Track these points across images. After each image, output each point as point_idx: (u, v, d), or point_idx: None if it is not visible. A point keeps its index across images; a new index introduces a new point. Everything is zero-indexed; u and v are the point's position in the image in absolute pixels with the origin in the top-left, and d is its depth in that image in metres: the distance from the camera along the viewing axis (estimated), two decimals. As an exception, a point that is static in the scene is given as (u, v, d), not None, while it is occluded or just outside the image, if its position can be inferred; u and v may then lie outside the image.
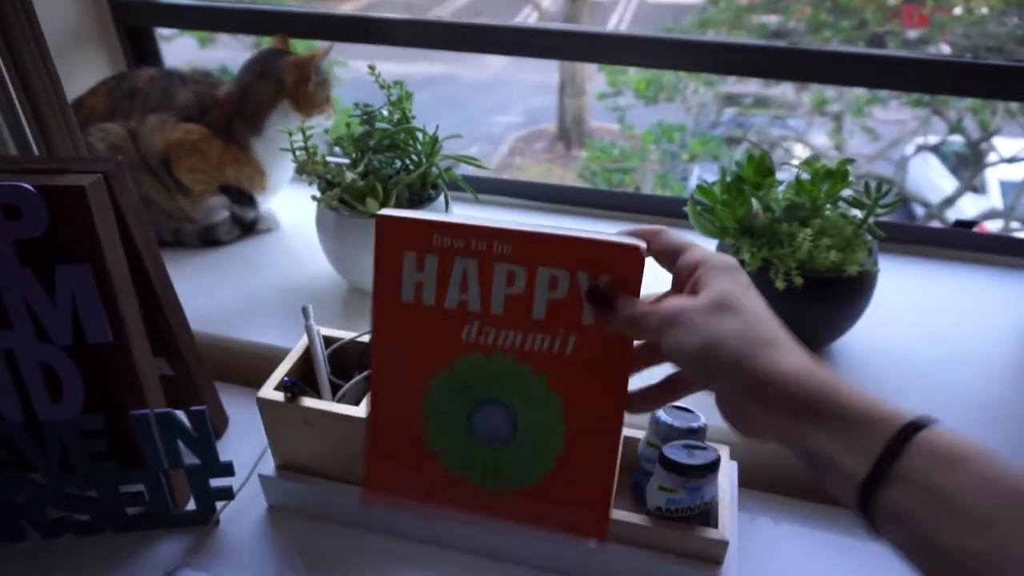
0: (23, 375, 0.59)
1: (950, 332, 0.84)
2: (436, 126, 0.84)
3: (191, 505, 0.66)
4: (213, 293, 0.90)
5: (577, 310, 0.40)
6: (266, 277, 0.94)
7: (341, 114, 0.96)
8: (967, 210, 3.14)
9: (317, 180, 0.83)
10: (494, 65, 4.68)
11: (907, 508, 0.31)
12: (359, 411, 0.61)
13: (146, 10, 1.09)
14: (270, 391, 0.63)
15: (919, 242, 0.98)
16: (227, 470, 0.63)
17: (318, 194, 0.83)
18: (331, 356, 0.68)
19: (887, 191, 0.74)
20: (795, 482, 0.68)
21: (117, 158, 0.60)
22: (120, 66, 1.11)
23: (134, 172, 0.92)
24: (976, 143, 3.05)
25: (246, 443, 0.73)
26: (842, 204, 0.75)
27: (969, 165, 3.18)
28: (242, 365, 0.81)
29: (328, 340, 0.69)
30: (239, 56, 0.99)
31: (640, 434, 0.64)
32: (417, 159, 0.83)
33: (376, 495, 0.45)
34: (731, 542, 0.58)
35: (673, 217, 1.02)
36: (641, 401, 0.43)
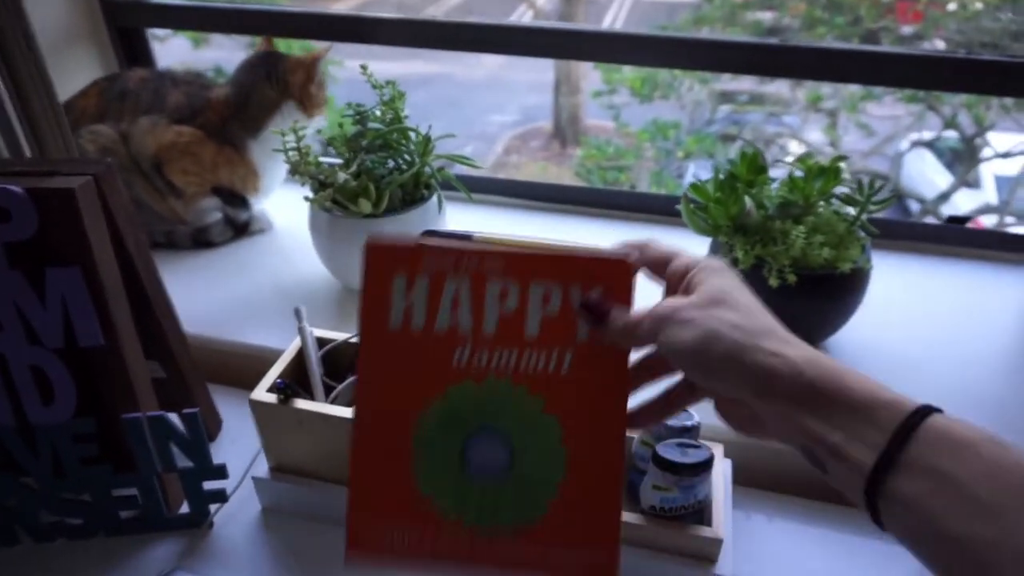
0: (14, 379, 0.59)
1: (944, 328, 0.84)
2: (429, 126, 0.84)
3: (184, 508, 0.66)
4: (206, 295, 0.90)
5: (571, 326, 0.40)
6: (259, 278, 0.93)
7: (334, 114, 0.95)
8: (962, 205, 3.14)
9: (310, 181, 0.83)
10: (489, 64, 4.67)
11: (916, 495, 0.30)
12: (351, 412, 0.61)
13: (137, 10, 1.09)
14: (263, 393, 0.63)
15: (912, 238, 0.98)
16: (220, 473, 0.62)
17: (311, 195, 0.82)
18: (324, 357, 0.68)
19: (880, 188, 0.74)
20: (789, 479, 0.68)
21: (107, 160, 0.59)
22: (112, 67, 1.11)
23: (125, 174, 0.91)
24: (971, 138, 3.06)
25: (240, 445, 0.72)
26: (835, 201, 0.75)
27: (964, 160, 3.19)
28: (235, 367, 0.80)
29: (321, 341, 0.69)
30: (233, 56, 0.99)
31: (634, 433, 0.64)
32: (410, 159, 0.83)
33: (361, 552, 0.42)
34: (725, 540, 0.58)
35: (667, 215, 1.02)
36: (641, 417, 0.42)
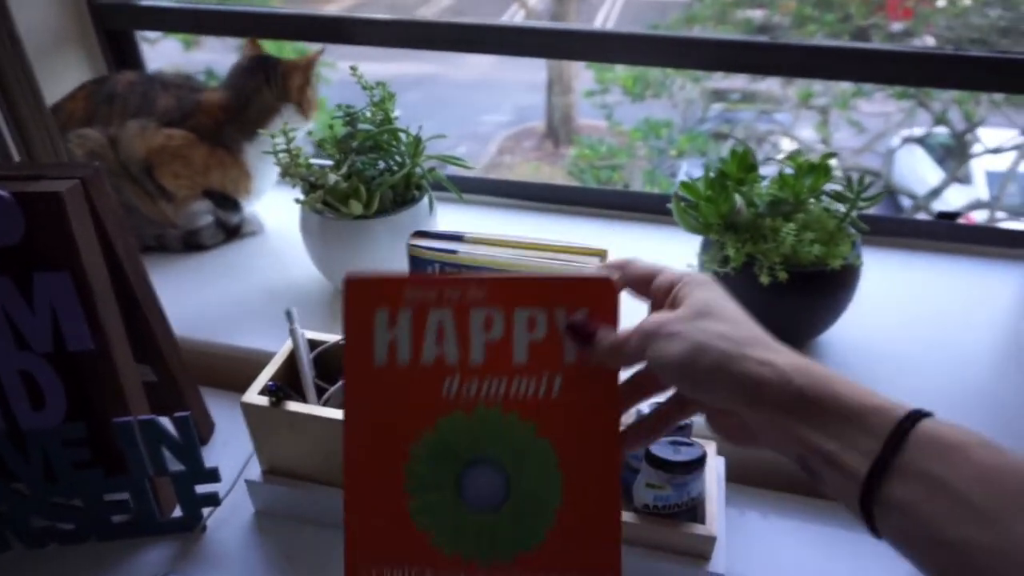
0: (3, 384, 0.59)
1: (935, 323, 0.84)
2: (419, 126, 0.84)
3: (177, 512, 0.65)
4: (197, 298, 0.90)
5: (558, 349, 0.40)
6: (251, 281, 0.93)
7: (325, 116, 0.95)
8: (953, 201, 3.16)
9: (301, 183, 0.82)
10: (481, 64, 4.67)
11: (910, 501, 0.30)
12: (343, 407, 0.61)
13: (126, 12, 1.08)
14: (254, 395, 0.62)
15: (902, 234, 0.98)
16: (213, 476, 0.62)
17: (302, 197, 0.82)
18: (316, 359, 0.68)
19: (869, 184, 0.74)
20: (783, 476, 0.69)
21: (95, 163, 0.59)
22: (100, 70, 1.10)
23: (114, 179, 0.91)
24: (961, 134, 3.07)
25: (232, 449, 0.72)
26: (825, 198, 0.76)
27: (955, 156, 3.20)
28: (227, 370, 0.80)
29: (313, 343, 0.69)
30: (224, 59, 0.98)
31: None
32: (401, 160, 0.83)
33: None
34: (719, 537, 0.58)
35: (659, 214, 1.02)
36: (634, 436, 0.42)
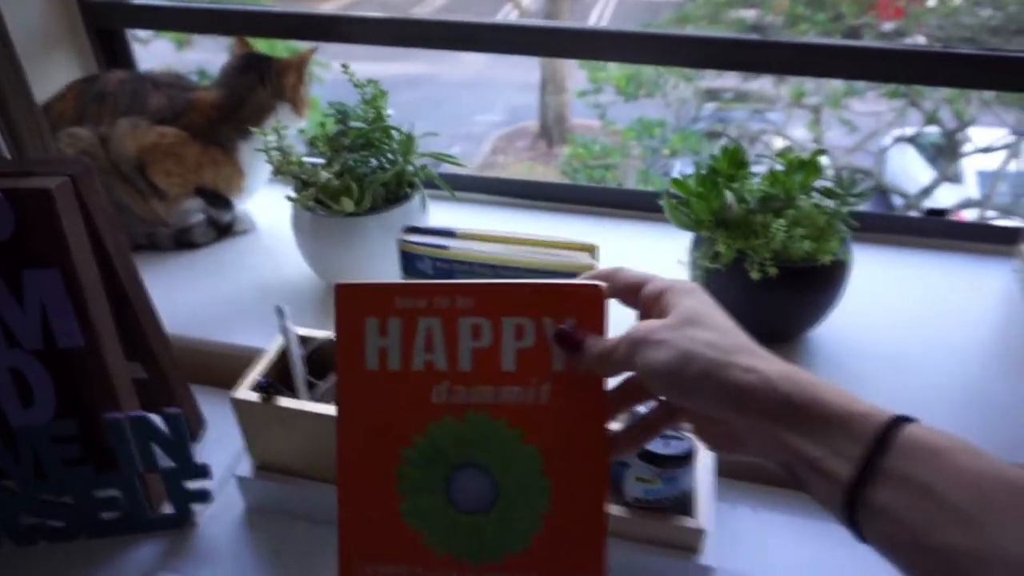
0: (-7, 381, 0.58)
1: (924, 320, 0.85)
2: (411, 124, 0.84)
3: (168, 509, 0.65)
4: (189, 296, 0.90)
5: (546, 357, 0.40)
6: (243, 279, 0.93)
7: (318, 115, 0.95)
8: (944, 200, 3.17)
9: (292, 180, 0.83)
10: (475, 64, 4.67)
11: (894, 506, 0.30)
12: (334, 409, 0.61)
13: (116, 11, 1.08)
14: (245, 391, 0.62)
15: (892, 231, 0.99)
16: (203, 472, 0.62)
17: (294, 194, 0.82)
18: (307, 356, 0.68)
19: (859, 181, 0.75)
20: (773, 471, 0.69)
21: (84, 160, 0.59)
22: (91, 69, 1.10)
23: (105, 178, 0.91)
24: (952, 133, 3.09)
25: (223, 445, 0.72)
26: (815, 195, 0.76)
27: (946, 156, 3.22)
28: (219, 367, 0.80)
29: (304, 340, 0.69)
30: (217, 59, 0.98)
31: (617, 426, 0.65)
32: (393, 158, 0.83)
33: None
34: (708, 531, 0.58)
35: (650, 211, 1.02)
36: (622, 443, 0.42)
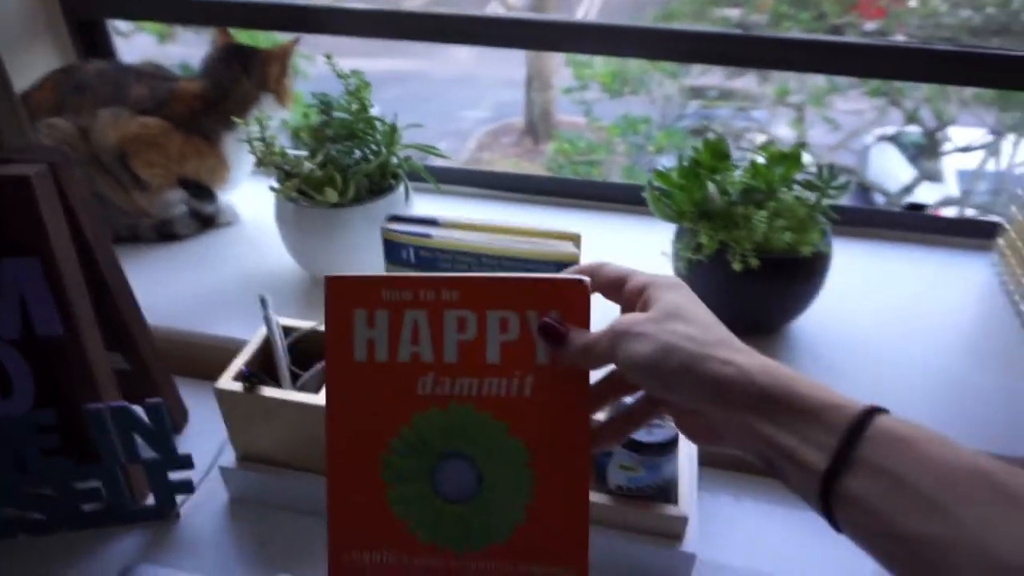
0: (-30, 371, 0.58)
1: (903, 312, 0.86)
2: (395, 115, 0.84)
3: (150, 500, 0.65)
4: (172, 287, 0.89)
5: (530, 350, 0.40)
6: (226, 270, 0.93)
7: (301, 107, 0.95)
8: (925, 198, 3.21)
9: (276, 171, 0.82)
10: (462, 61, 4.66)
11: (867, 496, 0.31)
12: (319, 399, 0.61)
13: (95, 1, 1.06)
14: (228, 381, 0.62)
15: (872, 225, 1.00)
16: (186, 463, 0.62)
17: (277, 185, 0.82)
18: (291, 346, 0.68)
19: (838, 174, 0.76)
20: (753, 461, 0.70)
21: (63, 148, 0.58)
22: (70, 60, 1.09)
23: (85, 169, 0.90)
24: (932, 132, 3.13)
25: (206, 437, 0.72)
26: (796, 187, 0.77)
27: (926, 154, 3.26)
28: (202, 359, 0.80)
29: (288, 330, 0.68)
30: (199, 53, 0.98)
31: (600, 415, 0.65)
32: (376, 149, 0.83)
33: (344, 574, 0.43)
34: (691, 518, 0.59)
35: (634, 204, 1.03)
36: (605, 435, 0.43)
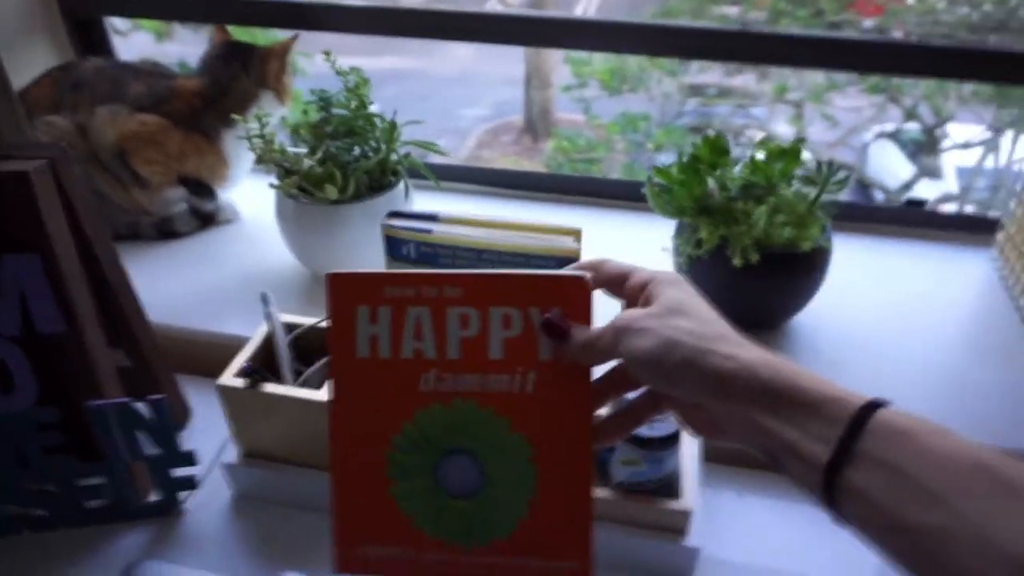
0: (-28, 368, 0.58)
1: (903, 307, 0.86)
2: (394, 111, 0.84)
3: (154, 496, 0.65)
4: (173, 285, 0.89)
5: (533, 346, 0.41)
6: (227, 268, 0.93)
7: (299, 106, 0.95)
8: (924, 195, 3.22)
9: (275, 168, 0.82)
10: (461, 59, 4.65)
11: (869, 488, 0.31)
12: (321, 395, 0.61)
13: (94, -1, 1.06)
14: (230, 378, 0.62)
15: (872, 220, 1.00)
16: (189, 460, 0.62)
17: (276, 182, 0.82)
18: (292, 342, 0.68)
19: (837, 169, 0.76)
20: (755, 455, 0.70)
21: (60, 144, 0.58)
22: (68, 58, 1.08)
23: (84, 167, 0.90)
24: (931, 129, 3.13)
25: (209, 434, 0.72)
26: (796, 183, 0.77)
27: (925, 151, 3.26)
28: (204, 356, 0.79)
29: (289, 327, 0.68)
30: (198, 51, 0.97)
31: (603, 410, 0.65)
32: (376, 145, 0.83)
33: (350, 570, 0.43)
34: (695, 512, 0.59)
35: (635, 200, 1.03)
36: (607, 431, 0.43)
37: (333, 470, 0.42)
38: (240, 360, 0.64)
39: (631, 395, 0.44)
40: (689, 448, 0.63)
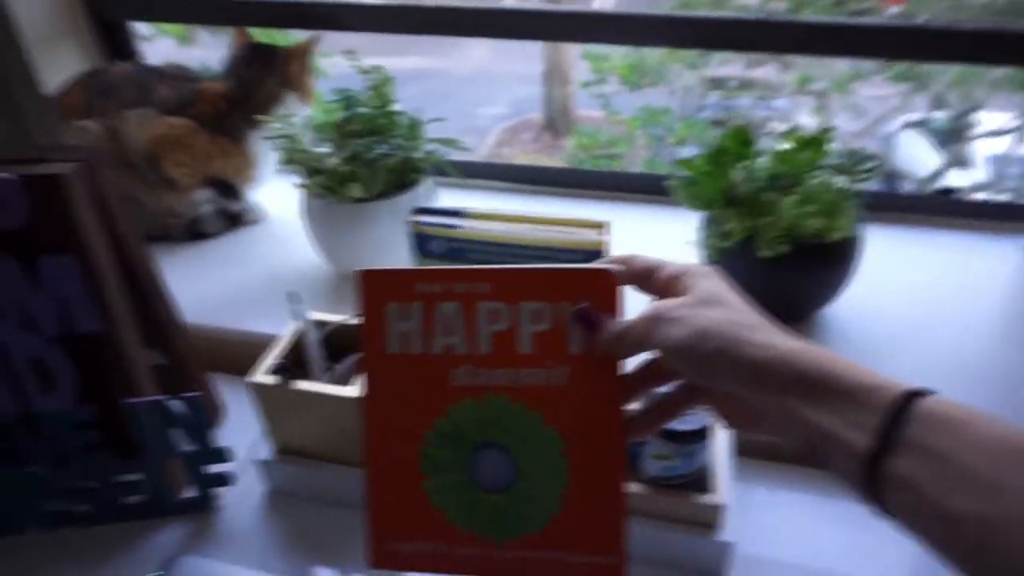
0: (14, 368, 0.59)
1: (936, 298, 0.85)
2: (418, 109, 0.84)
3: (190, 493, 0.66)
4: (202, 285, 0.90)
5: (563, 340, 0.41)
6: (255, 267, 0.94)
7: (321, 105, 0.96)
8: (954, 184, 3.15)
9: (301, 168, 0.83)
10: (478, 58, 4.66)
11: (913, 476, 0.30)
12: (351, 391, 0.61)
13: (118, 2, 1.08)
14: (262, 375, 0.63)
15: (903, 210, 0.98)
16: (224, 456, 0.63)
17: (303, 182, 0.83)
18: (322, 340, 0.68)
19: (868, 156, 0.75)
20: (791, 449, 0.69)
21: (96, 147, 0.59)
22: (96, 62, 1.10)
23: (114, 170, 0.91)
24: (960, 117, 3.06)
25: (242, 431, 0.73)
26: (824, 172, 0.76)
27: (954, 140, 3.20)
28: (234, 355, 0.80)
29: (319, 324, 0.69)
30: (219, 55, 0.99)
31: (635, 407, 0.65)
32: (400, 143, 0.83)
33: (382, 566, 0.43)
34: (727, 505, 0.58)
35: (659, 194, 1.02)
36: (640, 424, 0.43)
37: (366, 465, 0.43)
38: (271, 358, 0.65)
39: (663, 389, 0.44)
40: (721, 442, 0.62)
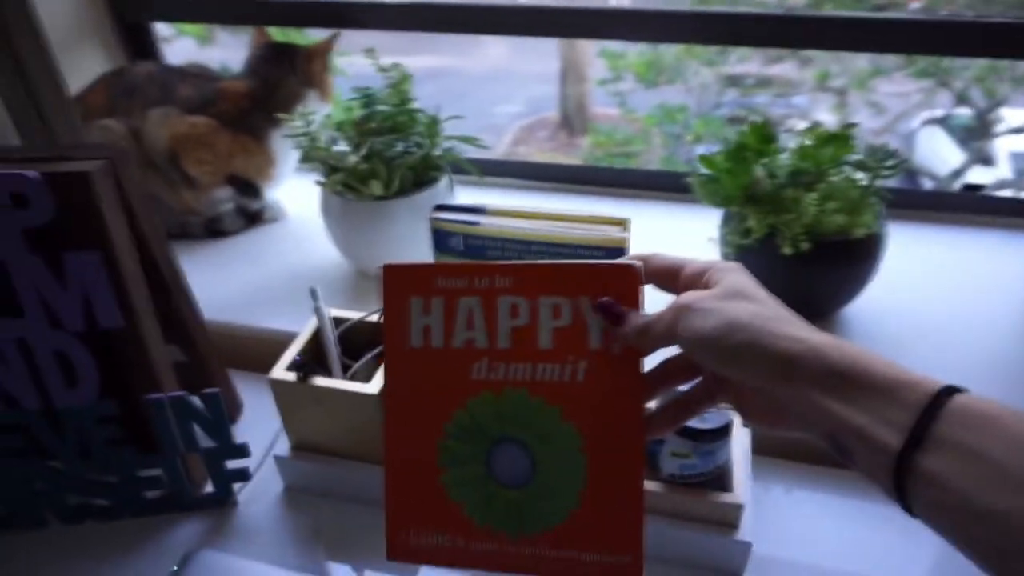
0: (38, 363, 0.60)
1: (960, 295, 0.83)
2: (437, 106, 0.84)
3: (209, 488, 0.67)
4: (222, 282, 0.91)
5: (583, 335, 0.40)
6: (274, 265, 0.94)
7: (339, 103, 0.96)
8: (977, 182, 3.10)
9: (321, 165, 0.83)
10: (494, 56, 4.66)
11: (945, 473, 0.30)
12: (370, 388, 0.61)
13: (140, 2, 1.09)
14: (281, 372, 0.63)
15: (925, 207, 0.97)
16: (242, 452, 0.63)
17: (322, 179, 0.83)
18: (340, 336, 0.68)
19: (891, 153, 0.73)
20: (809, 448, 0.68)
21: (120, 145, 0.60)
22: (119, 62, 1.11)
23: (137, 169, 0.92)
24: (983, 113, 3.01)
25: (260, 427, 0.73)
26: (847, 168, 0.75)
27: (977, 137, 3.15)
28: (254, 352, 0.81)
29: (337, 320, 0.69)
30: (240, 56, 0.99)
31: (655, 404, 0.64)
32: (419, 141, 0.83)
33: (399, 558, 0.44)
34: (746, 505, 0.58)
35: (678, 191, 1.01)
36: (660, 421, 0.42)
37: (386, 457, 0.43)
38: (290, 354, 0.65)
39: (683, 387, 0.43)
40: (739, 441, 0.61)
